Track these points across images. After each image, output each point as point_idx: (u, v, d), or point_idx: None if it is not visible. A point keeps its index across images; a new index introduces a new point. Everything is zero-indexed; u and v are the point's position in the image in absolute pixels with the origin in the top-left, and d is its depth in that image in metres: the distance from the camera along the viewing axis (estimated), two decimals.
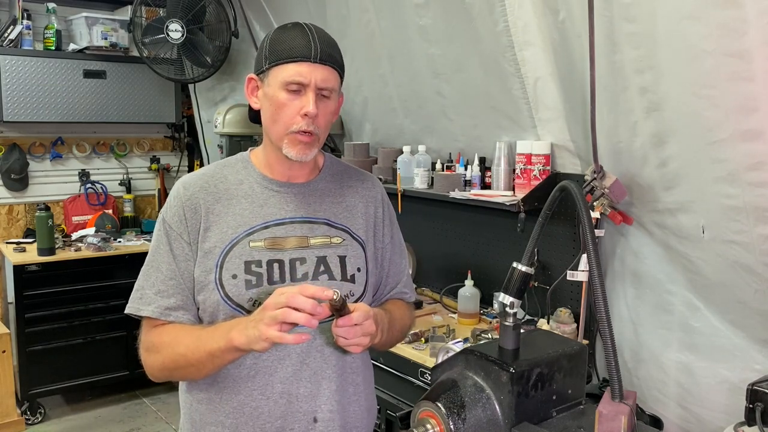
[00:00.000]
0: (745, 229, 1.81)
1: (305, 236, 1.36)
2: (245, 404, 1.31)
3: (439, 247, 3.15)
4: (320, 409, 1.34)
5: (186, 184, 1.37)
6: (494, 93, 2.57)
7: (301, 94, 1.28)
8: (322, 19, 3.32)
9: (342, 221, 1.41)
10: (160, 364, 1.32)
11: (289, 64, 1.27)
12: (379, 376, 2.54)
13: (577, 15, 2.05)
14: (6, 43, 3.83)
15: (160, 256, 1.34)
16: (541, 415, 1.14)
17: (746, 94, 1.63)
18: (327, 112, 1.31)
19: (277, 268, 1.32)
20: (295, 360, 1.32)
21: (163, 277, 1.32)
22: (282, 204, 1.37)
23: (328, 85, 1.29)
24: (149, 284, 1.33)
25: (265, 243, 1.32)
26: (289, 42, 1.28)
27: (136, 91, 4.27)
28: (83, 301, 3.84)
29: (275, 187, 1.38)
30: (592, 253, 1.10)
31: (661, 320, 2.25)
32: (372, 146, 3.45)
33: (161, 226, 1.36)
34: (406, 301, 1.57)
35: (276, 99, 1.29)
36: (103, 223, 4.30)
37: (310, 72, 1.27)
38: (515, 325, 1.20)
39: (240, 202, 1.35)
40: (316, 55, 1.27)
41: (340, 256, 1.38)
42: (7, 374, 3.54)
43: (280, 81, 1.28)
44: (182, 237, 1.32)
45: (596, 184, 2.19)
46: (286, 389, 1.31)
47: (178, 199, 1.35)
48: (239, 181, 1.37)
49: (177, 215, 1.33)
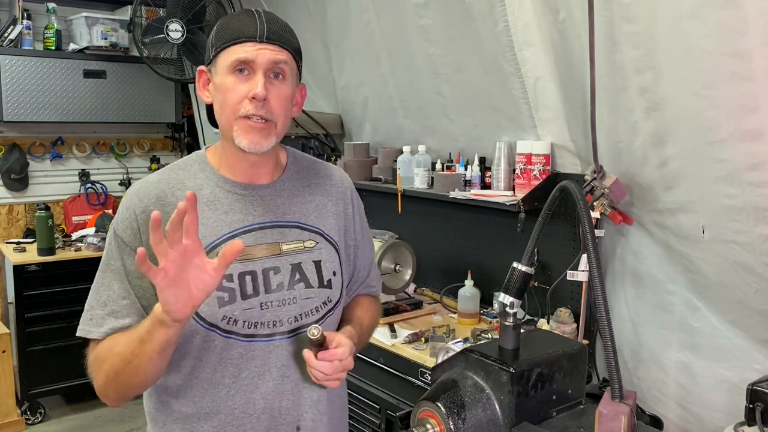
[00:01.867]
0: (745, 229, 1.81)
1: (277, 242, 1.27)
2: (227, 423, 1.25)
3: (439, 247, 3.15)
4: (303, 417, 1.30)
5: (140, 193, 1.24)
6: (494, 93, 2.57)
7: (249, 77, 1.19)
8: (322, 19, 3.32)
9: (314, 223, 1.33)
10: (104, 375, 1.19)
11: (234, 45, 1.19)
12: (379, 376, 2.54)
13: (577, 15, 2.05)
14: (6, 43, 3.83)
15: (111, 273, 1.23)
16: (541, 415, 1.14)
17: (746, 94, 1.63)
18: (281, 96, 1.21)
19: (250, 280, 1.23)
20: (276, 375, 1.26)
21: (116, 296, 1.22)
22: (248, 209, 1.27)
23: (279, 65, 1.20)
24: (100, 304, 1.23)
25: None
26: (235, 24, 1.21)
27: (136, 91, 4.27)
28: (83, 301, 3.78)
29: (239, 190, 1.27)
30: (592, 253, 1.11)
31: (661, 320, 2.25)
32: (372, 146, 3.45)
33: (112, 239, 1.25)
34: (372, 294, 1.54)
35: (224, 85, 1.20)
36: (103, 223, 4.29)
37: (257, 51, 1.18)
38: (515, 325, 1.20)
39: (202, 211, 1.20)
40: (263, 34, 1.19)
41: (315, 261, 1.30)
42: (7, 374, 3.54)
43: (226, 65, 1.20)
44: (135, 252, 1.20)
45: (596, 184, 2.19)
46: (268, 404, 1.26)
47: (131, 211, 1.23)
48: (198, 186, 1.26)
49: (130, 228, 1.22)
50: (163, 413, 1.31)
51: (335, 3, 3.20)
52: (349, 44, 3.22)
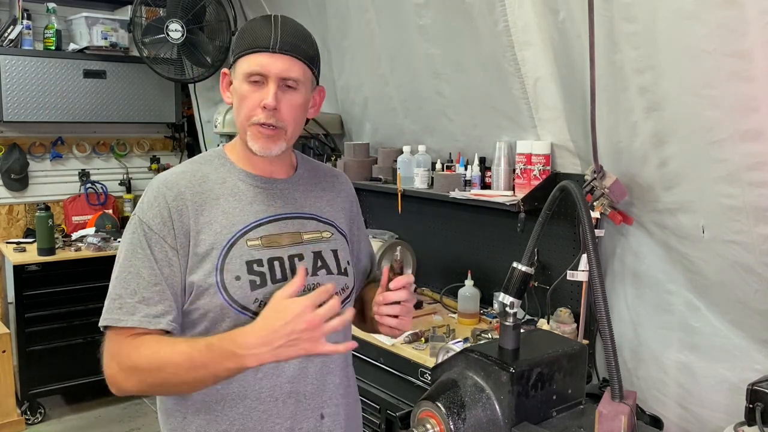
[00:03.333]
0: (745, 229, 1.81)
1: (298, 232, 1.34)
2: (253, 408, 1.27)
3: (439, 247, 3.15)
4: (326, 404, 1.34)
5: (168, 183, 1.28)
6: (494, 93, 2.57)
7: (262, 86, 1.25)
8: (322, 19, 3.33)
9: (328, 216, 1.42)
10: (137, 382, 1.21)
11: (250, 55, 1.25)
12: (379, 376, 2.54)
13: (577, 15, 2.05)
14: (6, 43, 3.83)
15: (138, 261, 1.23)
16: (541, 415, 1.14)
17: (746, 94, 1.63)
18: (292, 105, 1.26)
19: (278, 266, 1.29)
20: (301, 358, 1.26)
21: (146, 284, 1.22)
22: (270, 200, 1.33)
23: (291, 75, 1.25)
24: (129, 292, 1.23)
25: (262, 241, 1.29)
26: (252, 33, 1.26)
27: (136, 91, 4.26)
28: (83, 301, 3.83)
29: (260, 184, 1.34)
30: (592, 253, 1.10)
31: (661, 320, 2.25)
32: (372, 146, 3.45)
33: (138, 228, 1.25)
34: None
35: (239, 91, 1.27)
36: (103, 223, 4.30)
37: (270, 62, 1.23)
38: (515, 325, 1.20)
39: (228, 201, 1.29)
40: (275, 45, 1.23)
41: (333, 250, 1.38)
42: (7, 374, 3.54)
43: (242, 73, 1.26)
44: (165, 240, 1.23)
45: (596, 184, 2.19)
46: (294, 389, 1.29)
47: (162, 200, 1.25)
48: (222, 179, 1.32)
49: (160, 216, 1.24)
50: (182, 406, 1.31)
51: (335, 3, 3.20)
52: (349, 44, 3.22)
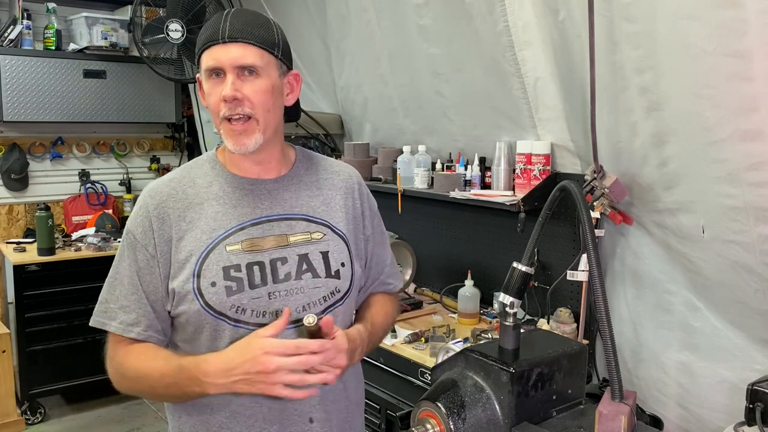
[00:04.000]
0: (745, 229, 1.81)
1: (284, 234, 1.31)
2: (239, 413, 1.27)
3: (439, 247, 3.15)
4: (315, 409, 1.32)
5: (153, 192, 1.30)
6: (494, 93, 2.57)
7: (223, 79, 1.23)
8: (322, 19, 3.33)
9: (321, 215, 1.36)
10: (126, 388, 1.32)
11: (206, 51, 1.24)
12: (379, 376, 2.54)
13: (577, 15, 2.05)
14: (6, 43, 3.83)
15: (123, 269, 1.29)
16: (541, 415, 1.14)
17: (746, 94, 1.63)
18: (256, 91, 1.23)
19: (258, 270, 1.27)
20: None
21: (126, 292, 1.27)
22: (256, 202, 1.31)
23: (246, 62, 1.22)
24: (113, 298, 1.29)
25: (242, 245, 1.27)
26: (206, 30, 1.25)
27: (136, 91, 4.27)
28: (83, 301, 3.82)
29: (247, 185, 1.32)
30: (592, 253, 1.10)
31: (661, 320, 2.25)
32: (372, 146, 3.45)
33: (126, 236, 1.30)
34: (389, 291, 1.55)
35: (206, 90, 1.26)
36: (103, 223, 4.30)
37: (222, 52, 1.21)
38: (515, 325, 1.20)
39: (212, 205, 1.28)
40: (224, 35, 1.21)
41: (322, 252, 1.33)
42: (7, 374, 3.54)
43: (203, 71, 1.25)
44: (147, 249, 1.26)
45: (596, 184, 2.19)
46: None
47: (144, 209, 1.28)
48: (208, 183, 1.31)
49: (142, 225, 1.27)
50: (178, 407, 1.35)
51: (335, 3, 3.20)
52: (349, 44, 3.22)
